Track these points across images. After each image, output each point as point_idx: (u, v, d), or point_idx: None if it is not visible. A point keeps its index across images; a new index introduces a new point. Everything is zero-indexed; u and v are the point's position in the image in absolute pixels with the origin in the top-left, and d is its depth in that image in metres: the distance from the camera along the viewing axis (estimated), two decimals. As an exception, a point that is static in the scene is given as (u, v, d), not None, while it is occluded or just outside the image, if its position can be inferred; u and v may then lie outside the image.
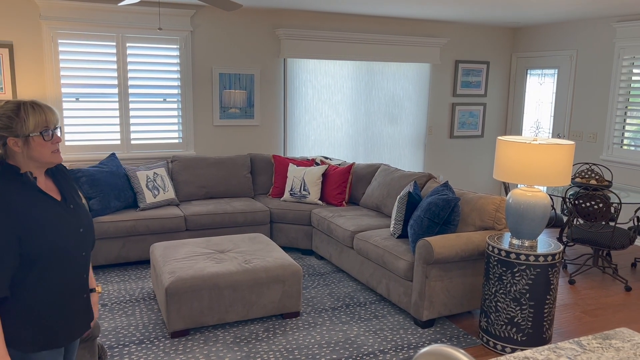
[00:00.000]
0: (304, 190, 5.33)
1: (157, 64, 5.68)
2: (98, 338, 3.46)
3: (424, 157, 7.22)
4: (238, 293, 3.60)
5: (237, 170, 5.57)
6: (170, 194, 5.11)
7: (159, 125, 5.80)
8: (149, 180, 5.01)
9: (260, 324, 3.73)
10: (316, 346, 3.42)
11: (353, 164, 5.47)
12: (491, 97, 7.50)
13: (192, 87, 5.85)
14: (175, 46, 5.71)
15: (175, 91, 5.80)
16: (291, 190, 5.38)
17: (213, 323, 3.59)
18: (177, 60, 5.75)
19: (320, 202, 5.34)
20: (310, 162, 5.65)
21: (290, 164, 5.55)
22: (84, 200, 2.04)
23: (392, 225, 4.26)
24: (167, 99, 5.79)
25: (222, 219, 4.99)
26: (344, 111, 6.62)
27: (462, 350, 0.91)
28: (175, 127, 5.88)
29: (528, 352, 1.59)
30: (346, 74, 6.55)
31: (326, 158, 5.90)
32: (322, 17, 6.28)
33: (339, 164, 5.67)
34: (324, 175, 5.44)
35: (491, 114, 7.55)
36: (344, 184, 5.36)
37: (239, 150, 6.19)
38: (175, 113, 5.85)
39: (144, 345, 3.40)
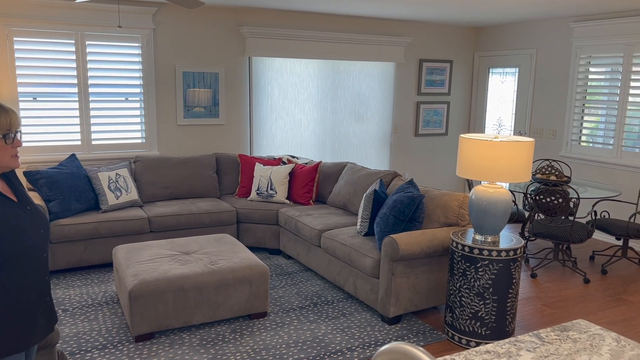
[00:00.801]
0: (271, 189, 5.31)
1: (119, 62, 5.56)
2: (58, 345, 3.37)
3: (389, 155, 7.28)
4: (204, 295, 3.55)
5: (202, 170, 5.50)
6: (133, 195, 5.01)
7: (121, 125, 5.68)
8: (111, 181, 4.90)
9: (227, 325, 3.70)
10: (284, 346, 3.41)
11: (320, 162, 5.47)
12: (455, 96, 7.62)
13: (155, 86, 5.75)
14: (136, 44, 5.59)
15: (138, 90, 5.69)
16: (258, 189, 5.35)
17: (178, 326, 3.53)
18: (139, 59, 5.64)
19: (287, 201, 5.33)
20: (277, 161, 5.63)
21: (256, 163, 5.51)
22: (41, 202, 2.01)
23: (358, 223, 4.28)
24: (129, 98, 5.67)
25: (187, 220, 4.92)
26: (310, 110, 6.62)
27: (421, 348, 0.92)
28: (138, 127, 5.76)
29: (490, 346, 1.61)
30: (312, 73, 6.55)
31: (293, 157, 5.89)
32: (287, 15, 6.26)
33: (306, 163, 5.67)
34: (291, 174, 5.43)
35: (455, 112, 7.67)
36: (311, 182, 5.35)
37: (204, 150, 6.11)
38: (137, 112, 5.73)
39: (107, 350, 3.33)
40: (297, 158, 5.87)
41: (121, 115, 5.66)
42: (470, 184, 5.66)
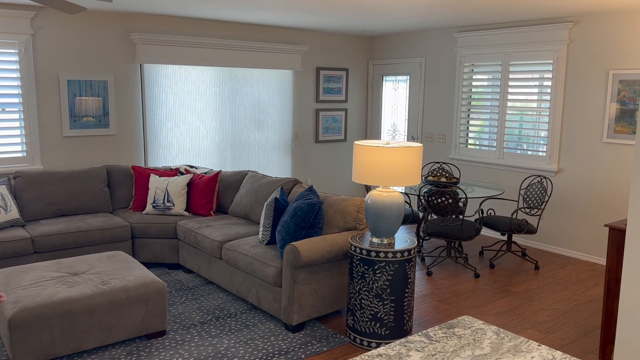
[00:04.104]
0: (168, 201, 5.12)
1: (-8, 69, 5.10)
2: None
3: (291, 162, 7.31)
4: (95, 318, 3.33)
5: (92, 184, 5.17)
6: (13, 214, 4.60)
7: (-2, 138, 5.21)
8: (-13, 200, 4.47)
9: (123, 347, 3.49)
10: (184, 364, 3.29)
11: (220, 171, 5.36)
12: (352, 103, 7.83)
13: (36, 95, 5.34)
14: (13, 50, 5.16)
15: (17, 100, 5.25)
16: (154, 202, 5.13)
17: (68, 353, 3.28)
18: (16, 66, 5.21)
19: (186, 213, 5.16)
20: (174, 172, 5.44)
21: (151, 174, 5.29)
22: None
23: (260, 232, 4.25)
24: (7, 109, 5.22)
25: (76, 238, 4.60)
26: (208, 118, 6.48)
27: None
28: (18, 140, 5.31)
29: (381, 349, 1.65)
30: (209, 80, 6.42)
31: (191, 167, 5.73)
32: (179, 22, 6.09)
33: (205, 173, 5.53)
34: (189, 184, 5.27)
35: (352, 118, 7.88)
36: (211, 193, 5.23)
37: (95, 163, 5.76)
38: (17, 124, 5.28)
39: (-17, 387, 3.01)
40: (195, 168, 5.72)
41: (-3, 127, 5.19)
42: (368, 189, 5.83)
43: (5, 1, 4.87)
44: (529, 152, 6.05)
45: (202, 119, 6.44)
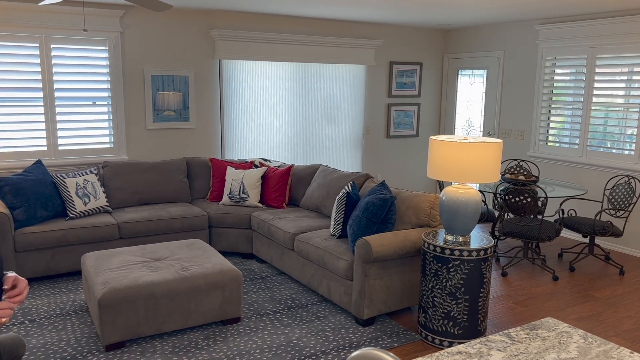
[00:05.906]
0: (243, 193, 5.27)
1: (85, 65, 5.45)
2: (24, 357, 3.27)
3: (362, 157, 7.31)
4: (175, 302, 3.50)
5: (172, 175, 5.42)
6: (102, 201, 4.91)
7: (89, 129, 5.56)
8: (79, 187, 4.79)
9: (200, 331, 3.65)
10: (258, 351, 3.39)
11: (292, 165, 5.45)
12: (425, 98, 7.71)
13: (124, 89, 5.65)
14: (104, 47, 5.49)
15: (105, 94, 5.58)
16: (230, 193, 5.30)
17: (150, 333, 3.47)
18: (106, 62, 5.53)
19: (260, 204, 5.29)
20: (249, 165, 5.59)
21: (228, 166, 5.46)
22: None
23: (331, 226, 4.28)
24: (97, 102, 5.56)
25: (157, 226, 4.84)
26: (282, 113, 6.60)
27: (391, 354, 0.92)
28: (106, 132, 5.65)
29: (461, 347, 1.63)
30: (283, 76, 6.53)
31: (265, 160, 5.86)
32: (256, 18, 6.23)
33: (279, 166, 5.65)
34: (263, 177, 5.40)
35: (425, 113, 7.76)
36: (283, 185, 5.33)
37: (175, 154, 6.03)
38: (105, 117, 5.62)
39: (76, 361, 3.25)
40: (269, 161, 5.85)
41: (88, 119, 5.54)
42: (441, 185, 5.72)
43: (98, 0, 5.18)
44: (613, 151, 5.70)
45: (276, 113, 6.56)
